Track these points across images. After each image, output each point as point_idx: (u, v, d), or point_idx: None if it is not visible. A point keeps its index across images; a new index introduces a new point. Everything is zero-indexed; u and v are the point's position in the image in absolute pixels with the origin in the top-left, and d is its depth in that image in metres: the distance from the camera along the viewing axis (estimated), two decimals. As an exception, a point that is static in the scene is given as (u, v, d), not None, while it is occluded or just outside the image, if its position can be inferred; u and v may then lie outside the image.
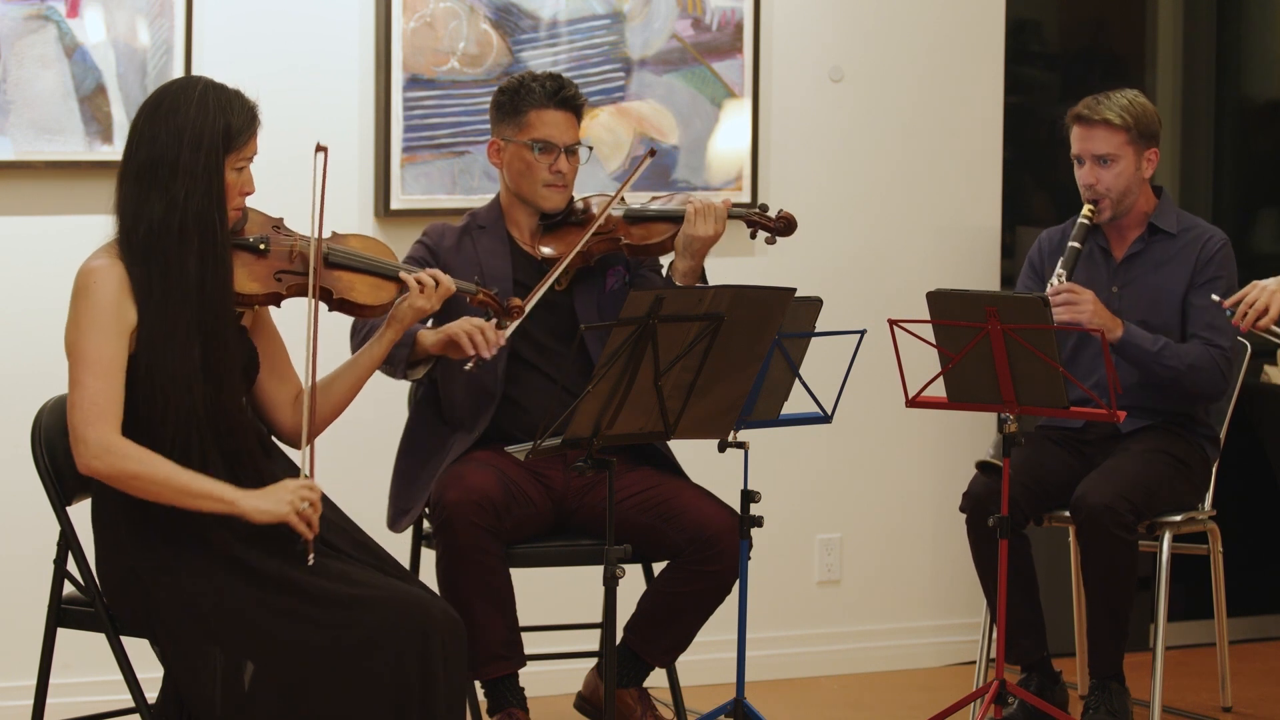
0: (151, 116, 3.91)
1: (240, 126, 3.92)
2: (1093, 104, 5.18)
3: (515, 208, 4.83)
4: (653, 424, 4.19)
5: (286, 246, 4.05)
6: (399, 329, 4.18)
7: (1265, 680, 5.94)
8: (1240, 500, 6.11)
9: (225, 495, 3.83)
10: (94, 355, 3.83)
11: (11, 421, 4.60)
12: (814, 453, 5.88)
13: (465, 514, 4.50)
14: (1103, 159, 5.15)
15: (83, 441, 3.82)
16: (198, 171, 3.87)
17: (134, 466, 3.81)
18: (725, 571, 4.64)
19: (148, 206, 3.88)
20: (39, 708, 4.16)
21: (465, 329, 4.48)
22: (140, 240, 3.87)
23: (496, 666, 4.60)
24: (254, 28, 5.26)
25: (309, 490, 3.87)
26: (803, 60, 5.87)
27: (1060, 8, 6.59)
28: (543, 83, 4.77)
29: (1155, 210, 5.23)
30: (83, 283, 3.88)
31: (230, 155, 3.90)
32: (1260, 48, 6.68)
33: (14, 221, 5.14)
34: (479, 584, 4.52)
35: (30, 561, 4.73)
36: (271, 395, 4.12)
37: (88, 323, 3.85)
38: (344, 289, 4.09)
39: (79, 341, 3.86)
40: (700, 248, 4.73)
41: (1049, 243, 5.34)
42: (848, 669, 5.98)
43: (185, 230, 3.86)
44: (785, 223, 4.83)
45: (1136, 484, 4.99)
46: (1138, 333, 5.06)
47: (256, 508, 3.83)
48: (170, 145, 3.87)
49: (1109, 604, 5.02)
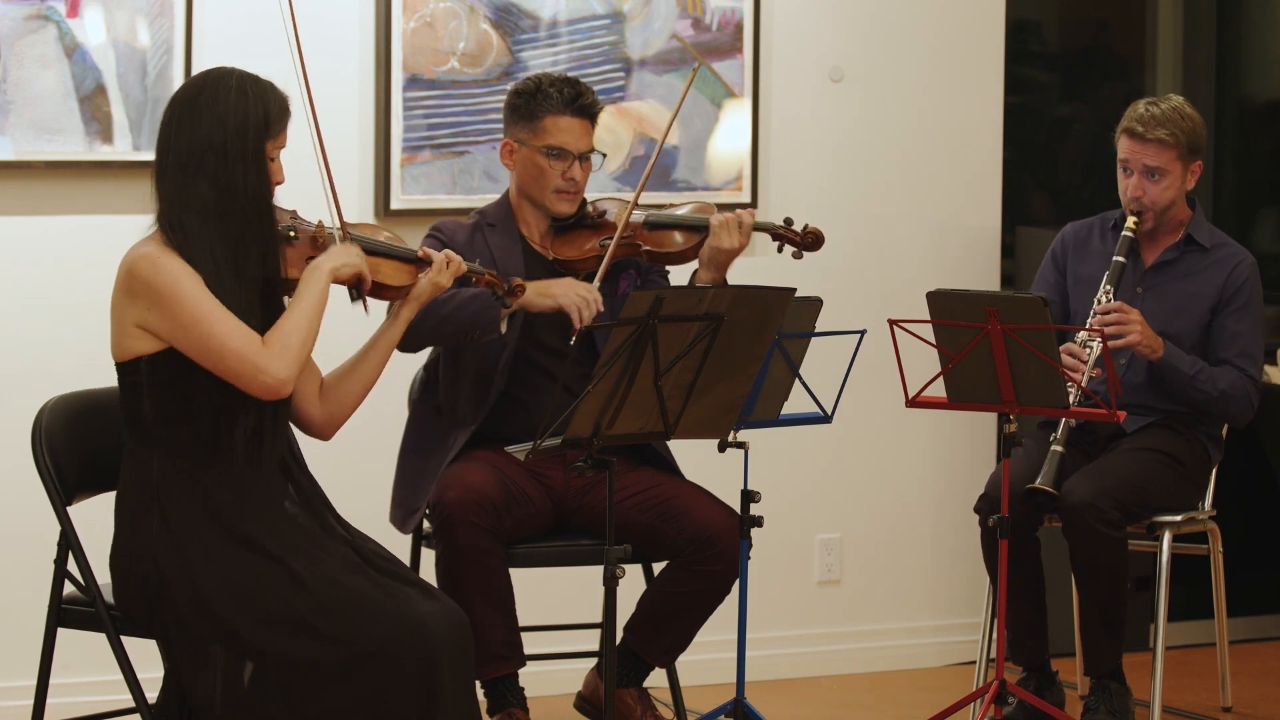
0: (191, 106, 3.93)
1: (277, 114, 3.96)
2: (1145, 119, 5.13)
3: (525, 208, 4.82)
4: (653, 424, 4.19)
5: (310, 233, 4.11)
6: (416, 306, 4.22)
7: (1265, 680, 5.94)
8: (1240, 500, 6.11)
9: (318, 269, 3.99)
10: (211, 305, 3.84)
11: (11, 421, 4.60)
12: (814, 453, 5.88)
13: (465, 514, 4.50)
14: (1152, 172, 5.15)
15: (265, 370, 3.86)
16: (248, 155, 3.89)
17: (297, 344, 3.90)
18: (725, 572, 4.64)
19: (195, 194, 3.89)
20: (39, 708, 4.16)
21: (574, 301, 4.56)
22: (194, 227, 3.88)
23: (496, 666, 4.60)
24: (254, 28, 5.25)
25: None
26: (803, 60, 5.87)
27: (1060, 8, 6.59)
28: (559, 88, 4.74)
29: (1192, 222, 5.25)
30: (148, 264, 3.86)
31: (269, 142, 3.94)
32: (1260, 48, 6.68)
33: (14, 221, 5.14)
34: (479, 584, 4.52)
35: (30, 561, 4.73)
36: (298, 389, 4.13)
37: (180, 288, 3.84)
38: (372, 271, 4.15)
39: (185, 306, 3.83)
40: (725, 260, 4.73)
41: (1073, 236, 5.35)
42: (848, 669, 5.98)
43: (245, 213, 3.89)
44: (813, 238, 4.81)
45: (1124, 482, 5.00)
46: (1176, 354, 5.09)
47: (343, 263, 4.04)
48: (215, 132, 3.89)
49: (1099, 602, 5.02)
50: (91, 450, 4.21)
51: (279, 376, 3.88)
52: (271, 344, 3.88)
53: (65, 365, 4.98)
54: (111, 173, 5.15)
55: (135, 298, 3.87)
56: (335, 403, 4.15)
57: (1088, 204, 6.30)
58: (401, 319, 4.21)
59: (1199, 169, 5.22)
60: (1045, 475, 4.98)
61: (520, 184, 4.81)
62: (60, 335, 5.15)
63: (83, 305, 5.17)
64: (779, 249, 4.83)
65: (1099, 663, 5.08)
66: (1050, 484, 4.96)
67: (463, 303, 4.55)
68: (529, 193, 4.79)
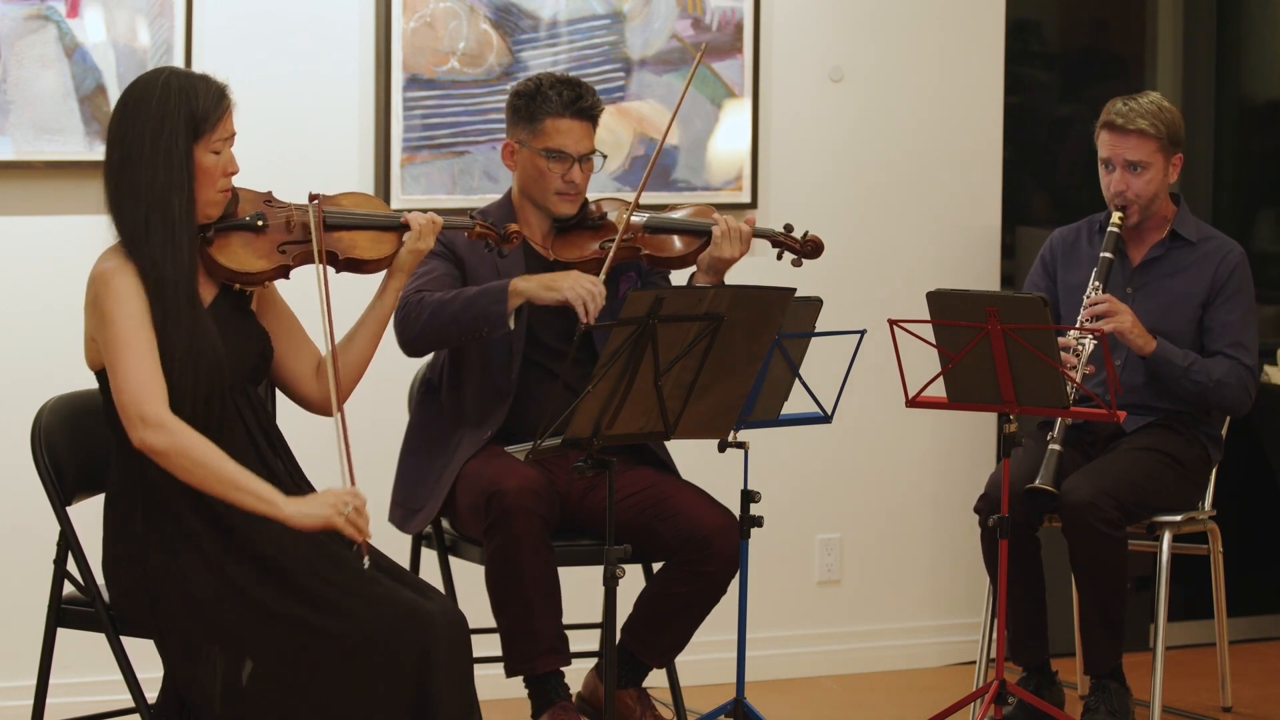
0: (120, 117, 3.92)
1: (206, 110, 3.90)
2: (1125, 112, 5.16)
3: (526, 208, 4.82)
4: (653, 424, 4.19)
5: (283, 218, 4.08)
6: (403, 277, 4.20)
7: (1265, 680, 5.94)
8: (1240, 500, 6.11)
9: (268, 496, 3.83)
10: (132, 339, 3.83)
11: (11, 421, 4.60)
12: (814, 453, 5.88)
13: (524, 502, 4.47)
14: (1134, 166, 5.15)
15: (140, 418, 3.81)
16: (158, 160, 3.86)
17: (189, 443, 3.81)
18: (720, 572, 4.63)
19: (126, 202, 3.89)
20: (39, 708, 4.16)
21: (580, 295, 4.53)
22: (127, 236, 3.89)
23: (549, 660, 4.58)
24: (254, 28, 5.26)
25: (353, 496, 3.87)
26: (803, 60, 5.87)
27: (1060, 8, 6.59)
28: (559, 90, 4.74)
29: (1176, 217, 5.24)
30: (101, 282, 3.87)
31: (200, 140, 3.90)
32: (1260, 48, 6.68)
33: (14, 221, 5.14)
34: (536, 574, 4.49)
35: (30, 561, 4.73)
36: (293, 370, 4.13)
37: (117, 312, 3.84)
38: (347, 248, 4.13)
39: (112, 330, 3.84)
40: (724, 267, 4.74)
41: (1061, 242, 5.35)
42: (848, 669, 5.98)
43: (150, 219, 3.86)
44: (813, 246, 4.81)
45: (1124, 481, 5.00)
46: (1168, 348, 5.09)
47: (300, 512, 3.83)
48: (135, 140, 3.88)
49: (1099, 601, 5.02)
50: (91, 450, 4.20)
51: (145, 443, 3.81)
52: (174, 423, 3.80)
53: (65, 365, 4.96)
54: (111, 173, 5.15)
55: (90, 311, 3.91)
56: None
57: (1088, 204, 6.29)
58: (390, 291, 4.19)
59: (1180, 162, 5.21)
60: (1044, 475, 4.98)
61: (521, 185, 4.81)
62: (60, 335, 5.13)
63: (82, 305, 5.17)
64: (779, 256, 4.84)
65: (1099, 662, 5.08)
66: (1049, 483, 4.96)
67: (468, 301, 4.55)
68: (530, 194, 4.79)
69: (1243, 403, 5.17)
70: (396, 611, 3.83)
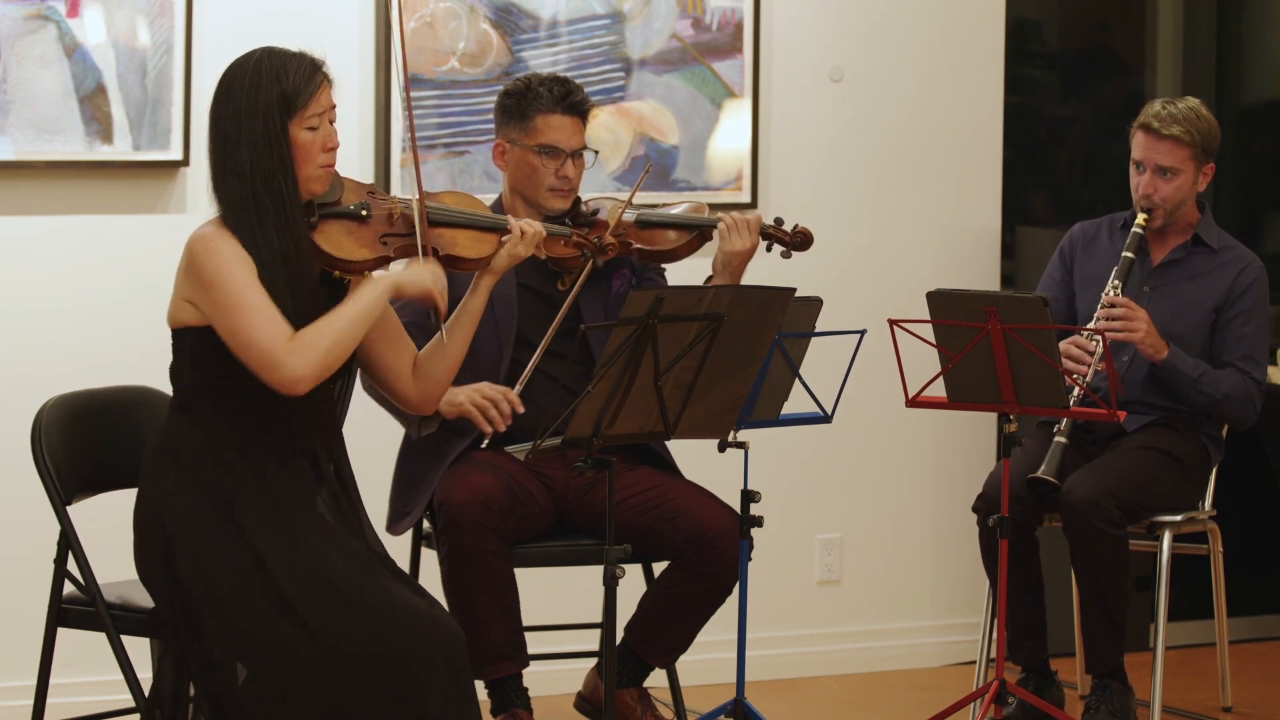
0: (217, 103, 3.95)
1: (296, 87, 3.92)
2: (1162, 115, 5.16)
3: (519, 208, 4.82)
4: (653, 424, 4.19)
5: (385, 210, 4.09)
6: (495, 276, 4.20)
7: (1265, 680, 5.94)
8: (1240, 500, 6.11)
9: (379, 285, 3.96)
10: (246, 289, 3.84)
11: (11, 421, 4.60)
12: (814, 453, 5.88)
13: (471, 514, 4.50)
14: (1165, 171, 5.15)
15: (282, 365, 3.82)
16: (258, 139, 3.88)
17: (325, 347, 3.86)
18: (725, 573, 4.64)
19: (226, 184, 3.91)
20: (39, 708, 4.16)
21: (477, 402, 4.53)
22: (235, 213, 3.89)
23: (500, 667, 4.60)
24: (254, 28, 5.25)
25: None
26: (803, 60, 5.87)
27: (1060, 8, 6.59)
28: (550, 87, 4.75)
29: (1200, 223, 5.25)
30: (202, 245, 3.88)
31: (294, 117, 3.91)
32: (1260, 48, 6.68)
33: (14, 221, 5.14)
34: (484, 584, 4.52)
35: (30, 561, 4.73)
36: (390, 366, 4.13)
37: (224, 271, 3.85)
38: (447, 244, 4.13)
39: (220, 290, 3.84)
40: (739, 263, 4.73)
41: (1082, 235, 5.36)
42: (848, 669, 5.98)
43: (259, 199, 3.88)
44: (802, 237, 4.82)
45: (1124, 480, 5.01)
46: (1180, 356, 5.10)
47: (411, 281, 4.00)
48: (232, 121, 3.90)
49: (1101, 601, 5.03)
50: (91, 450, 4.21)
51: (294, 374, 3.84)
52: (298, 340, 3.85)
53: (65, 365, 4.99)
54: (111, 173, 5.15)
55: (188, 274, 3.90)
56: (427, 379, 4.14)
57: (1088, 204, 6.30)
58: (482, 289, 4.17)
59: (1210, 172, 5.22)
60: (1048, 465, 4.98)
61: (513, 183, 4.81)
62: (60, 335, 5.15)
63: (83, 305, 5.18)
64: (768, 248, 4.84)
65: (1100, 662, 5.08)
66: (1053, 474, 4.96)
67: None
68: (522, 192, 4.79)
69: (1248, 417, 5.19)
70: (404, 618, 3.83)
